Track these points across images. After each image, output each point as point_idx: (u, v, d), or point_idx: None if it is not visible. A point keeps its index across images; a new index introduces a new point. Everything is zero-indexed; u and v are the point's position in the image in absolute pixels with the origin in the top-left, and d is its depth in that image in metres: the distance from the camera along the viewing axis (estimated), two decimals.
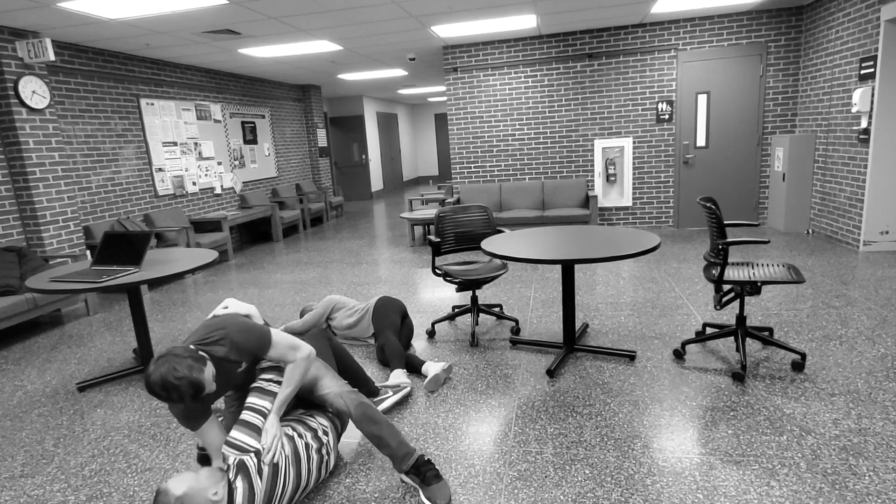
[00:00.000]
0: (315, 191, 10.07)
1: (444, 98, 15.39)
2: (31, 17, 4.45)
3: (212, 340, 1.93)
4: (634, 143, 7.05)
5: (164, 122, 6.76)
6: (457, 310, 3.90)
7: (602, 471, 2.15)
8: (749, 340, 3.32)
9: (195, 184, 7.32)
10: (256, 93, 8.86)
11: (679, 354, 3.14)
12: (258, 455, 1.88)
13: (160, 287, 5.79)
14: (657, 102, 6.87)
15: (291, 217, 8.56)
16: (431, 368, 3.00)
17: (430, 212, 7.29)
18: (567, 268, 3.14)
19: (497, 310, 4.03)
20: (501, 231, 3.71)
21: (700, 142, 6.88)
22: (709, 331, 3.43)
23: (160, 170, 6.68)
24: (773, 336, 3.32)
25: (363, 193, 13.46)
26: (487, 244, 3.13)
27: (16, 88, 4.62)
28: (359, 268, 6.01)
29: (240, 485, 1.81)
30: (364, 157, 13.22)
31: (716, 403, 2.60)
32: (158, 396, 1.75)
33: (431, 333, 3.77)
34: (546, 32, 6.86)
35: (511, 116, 7.34)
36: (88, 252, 5.40)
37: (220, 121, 7.90)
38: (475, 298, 3.77)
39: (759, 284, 2.77)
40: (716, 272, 2.85)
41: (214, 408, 2.10)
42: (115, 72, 6.05)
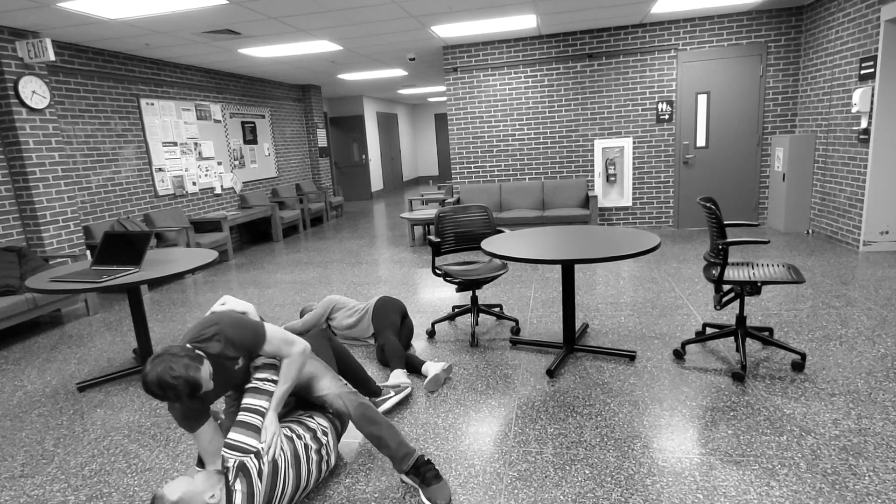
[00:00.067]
0: (315, 191, 10.07)
1: (444, 98, 15.39)
2: (31, 17, 4.45)
3: (206, 337, 1.93)
4: (634, 144, 7.05)
5: (164, 122, 6.76)
6: (457, 310, 3.91)
7: (602, 471, 2.15)
8: (749, 340, 3.32)
9: (195, 184, 7.32)
10: (256, 93, 8.86)
11: (679, 354, 3.14)
12: (258, 456, 1.88)
13: (160, 287, 5.79)
14: (657, 102, 6.87)
15: (291, 217, 8.56)
16: (431, 368, 3.00)
17: (430, 212, 7.29)
18: (567, 268, 3.14)
19: (497, 310, 4.04)
20: (501, 231, 3.71)
21: (700, 142, 6.88)
22: (709, 331, 3.43)
23: (160, 170, 6.68)
24: (773, 336, 3.32)
25: (363, 193, 13.46)
26: (487, 244, 3.13)
27: (16, 88, 4.62)
28: (359, 268, 6.01)
29: (239, 487, 1.80)
30: (364, 157, 13.22)
31: (716, 403, 2.60)
32: (155, 395, 1.75)
33: (431, 333, 3.77)
34: (546, 32, 6.86)
35: (511, 116, 7.34)
36: (88, 252, 5.40)
37: (220, 121, 7.90)
38: (475, 298, 3.77)
39: (759, 284, 2.77)
40: (716, 272, 2.85)
41: (214, 411, 2.09)
42: (115, 72, 6.05)
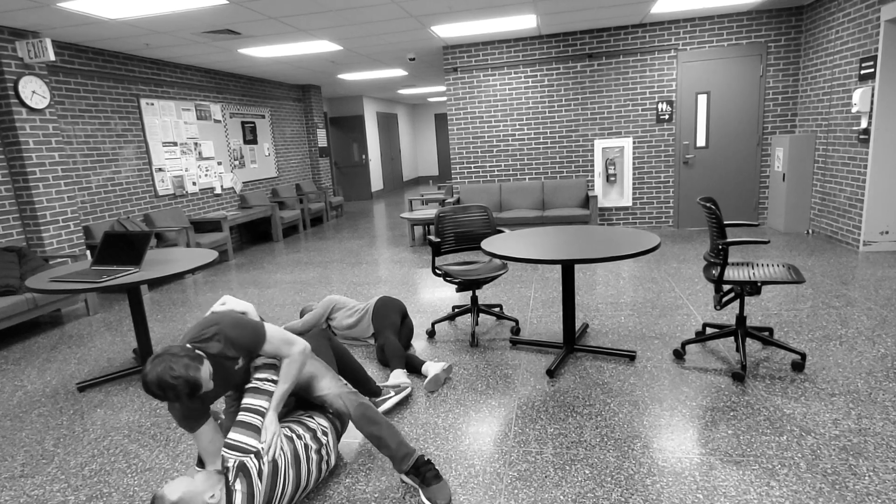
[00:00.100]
0: (315, 191, 10.07)
1: (444, 98, 15.39)
2: (31, 17, 4.45)
3: (206, 337, 1.93)
4: (634, 143, 7.05)
5: (164, 122, 6.76)
6: (457, 310, 3.90)
7: (602, 471, 2.15)
8: (749, 340, 3.32)
9: (195, 184, 7.32)
10: (256, 93, 8.86)
11: (679, 354, 3.14)
12: (258, 456, 1.88)
13: (160, 287, 5.79)
14: (657, 102, 6.87)
15: (291, 217, 8.56)
16: (431, 368, 3.00)
17: (430, 212, 7.29)
18: (567, 268, 3.14)
19: (497, 310, 4.04)
20: (501, 231, 3.71)
21: (700, 142, 6.88)
22: (709, 331, 3.43)
23: (160, 170, 6.68)
24: (773, 336, 3.32)
25: (363, 193, 13.46)
26: (487, 244, 3.13)
27: (16, 88, 4.62)
28: (359, 268, 6.01)
29: (239, 486, 1.80)
30: (364, 157, 13.22)
31: (716, 403, 2.60)
32: (155, 395, 1.75)
33: (431, 333, 3.77)
34: (546, 32, 6.86)
35: (511, 116, 7.33)
36: (88, 252, 5.40)
37: (220, 121, 7.90)
38: (475, 298, 3.77)
39: (759, 284, 2.77)
40: (716, 272, 2.85)
41: (214, 411, 2.09)
42: (115, 72, 6.05)
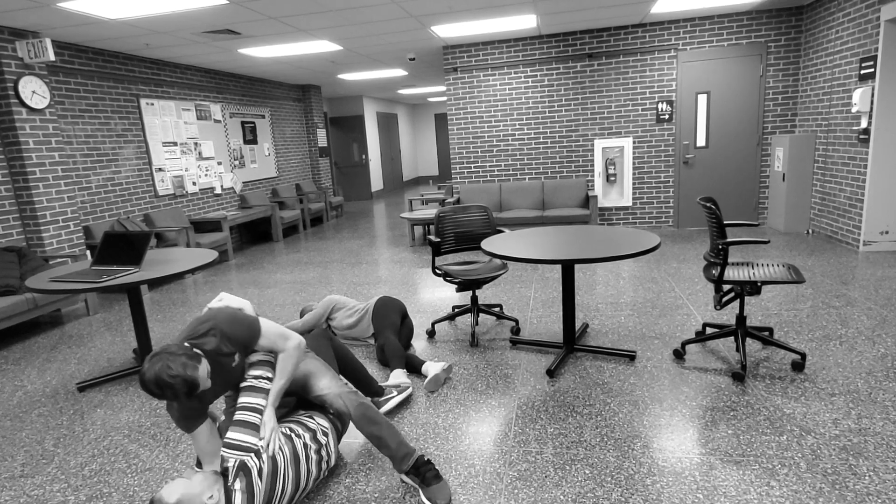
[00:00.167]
0: (315, 191, 10.07)
1: (444, 98, 15.39)
2: (31, 17, 4.45)
3: (201, 332, 1.93)
4: (634, 143, 7.05)
5: (164, 122, 6.76)
6: (457, 310, 3.90)
7: (602, 471, 2.15)
8: (749, 340, 3.32)
9: (195, 184, 7.32)
10: (256, 93, 8.86)
11: (679, 354, 3.14)
12: (258, 455, 1.88)
13: (160, 287, 5.79)
14: (657, 102, 6.87)
15: (291, 217, 8.56)
16: (431, 368, 3.00)
17: (430, 212, 7.29)
18: (567, 268, 3.14)
19: (497, 310, 4.03)
20: (501, 231, 3.71)
21: (700, 142, 6.88)
22: (709, 331, 3.43)
23: (160, 170, 6.68)
24: (773, 336, 3.32)
25: (363, 193, 13.46)
26: (487, 244, 3.13)
27: (16, 88, 4.62)
28: (359, 268, 6.01)
29: (238, 486, 1.80)
30: (364, 157, 13.22)
31: (716, 403, 2.60)
32: (153, 394, 1.75)
33: (431, 333, 3.77)
34: (546, 32, 6.86)
35: (511, 116, 7.33)
36: (88, 252, 5.40)
37: (220, 121, 7.90)
38: (475, 298, 3.77)
39: (759, 284, 2.77)
40: (716, 272, 2.85)
41: (212, 412, 2.09)
42: (115, 72, 6.05)
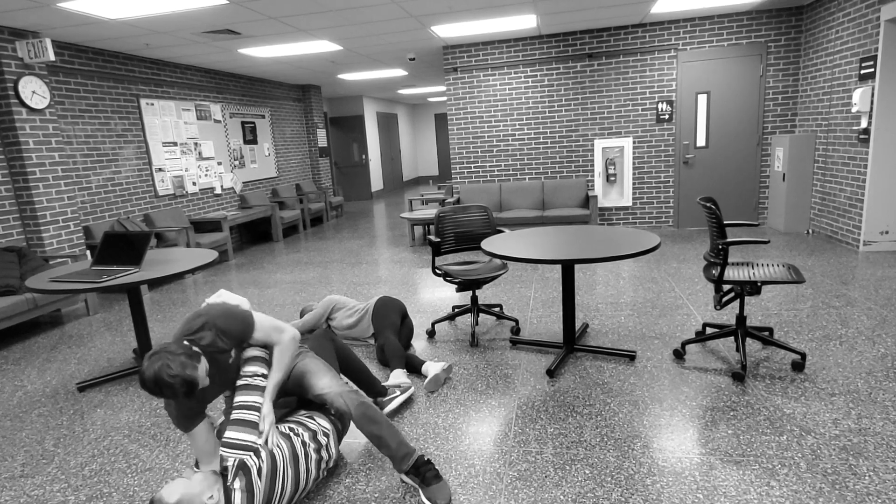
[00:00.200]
0: (315, 191, 10.07)
1: (444, 98, 15.39)
2: (31, 17, 4.45)
3: (196, 328, 1.93)
4: (634, 143, 7.05)
5: (164, 122, 6.76)
6: (457, 310, 3.90)
7: (602, 471, 2.15)
8: (749, 340, 3.32)
9: (195, 184, 7.32)
10: (256, 93, 8.86)
11: (679, 354, 3.14)
12: (257, 454, 1.88)
13: (160, 287, 5.79)
14: (657, 102, 6.87)
15: (291, 217, 8.56)
16: (431, 368, 3.00)
17: (430, 212, 7.29)
18: (567, 268, 3.14)
19: (497, 310, 4.03)
20: (501, 231, 3.71)
21: (700, 142, 6.88)
22: (709, 331, 3.43)
23: (160, 170, 6.68)
24: (773, 336, 3.32)
25: (363, 193, 13.46)
26: (487, 244, 3.13)
27: (16, 88, 4.62)
28: (359, 268, 6.01)
29: (238, 485, 1.80)
30: (364, 157, 13.22)
31: (716, 403, 2.60)
32: (152, 392, 1.76)
33: (431, 333, 3.77)
34: (546, 32, 6.86)
35: (511, 116, 7.33)
36: (88, 252, 5.40)
37: (220, 121, 7.90)
38: (475, 298, 3.77)
39: (759, 284, 2.77)
40: (716, 272, 2.85)
41: (209, 414, 2.09)
42: (115, 72, 6.05)
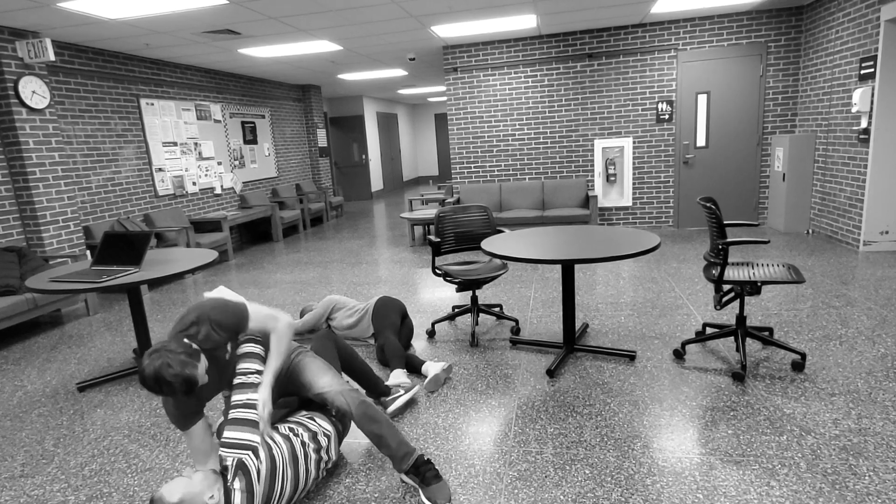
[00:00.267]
0: (315, 191, 10.07)
1: (444, 98, 15.39)
2: (31, 17, 4.45)
3: (190, 322, 1.92)
4: (634, 143, 7.05)
5: (164, 122, 6.76)
6: (457, 310, 3.90)
7: (602, 471, 2.15)
8: (749, 340, 3.32)
9: (195, 184, 7.32)
10: (256, 93, 8.86)
11: (679, 354, 3.14)
12: (256, 454, 1.87)
13: (160, 287, 5.79)
14: (657, 102, 6.87)
15: (291, 217, 8.56)
16: (431, 368, 3.00)
17: (430, 212, 7.29)
18: (567, 268, 3.14)
19: (497, 310, 4.03)
20: (501, 231, 3.71)
21: (700, 142, 6.88)
22: (709, 331, 3.43)
23: (160, 170, 6.68)
24: (773, 336, 3.32)
25: (363, 193, 13.46)
26: (487, 244, 3.13)
27: (16, 88, 4.62)
28: (359, 268, 6.02)
29: (237, 485, 1.80)
30: (364, 157, 13.22)
31: (716, 403, 2.60)
32: (151, 390, 1.75)
33: (431, 333, 3.77)
34: (546, 32, 6.86)
35: (511, 116, 7.33)
36: (88, 252, 5.40)
37: (220, 121, 7.90)
38: (475, 298, 3.77)
39: (759, 284, 2.77)
40: (716, 272, 2.85)
41: (206, 416, 2.08)
42: (115, 72, 6.05)
